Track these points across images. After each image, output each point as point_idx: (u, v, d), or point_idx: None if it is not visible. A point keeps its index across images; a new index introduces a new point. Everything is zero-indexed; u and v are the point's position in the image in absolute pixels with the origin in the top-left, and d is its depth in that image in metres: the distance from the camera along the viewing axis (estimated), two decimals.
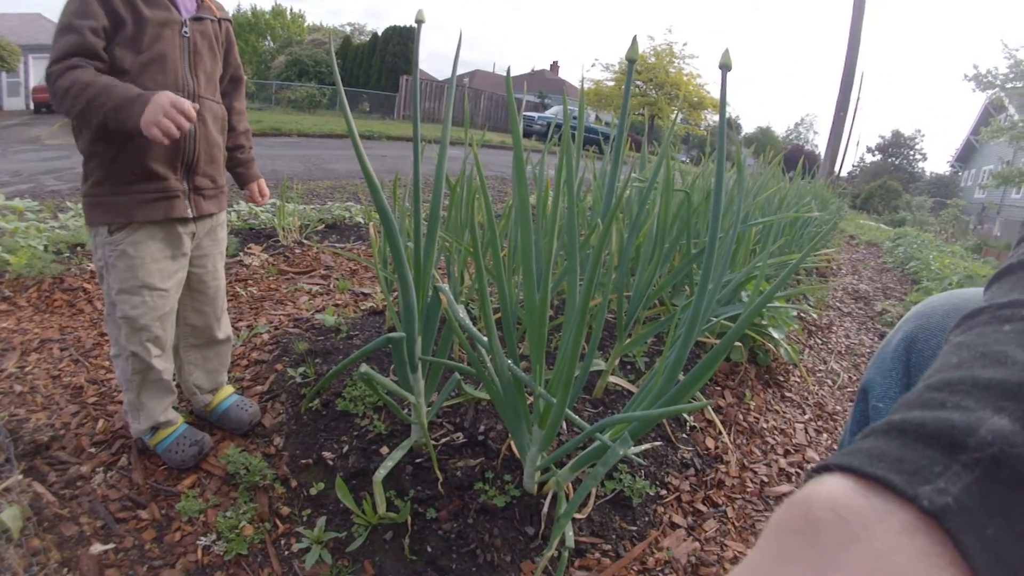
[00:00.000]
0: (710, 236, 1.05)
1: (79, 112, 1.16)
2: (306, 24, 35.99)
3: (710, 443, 1.71)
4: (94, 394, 1.75)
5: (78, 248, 2.92)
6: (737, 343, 2.03)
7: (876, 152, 38.02)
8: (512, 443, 1.36)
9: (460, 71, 1.14)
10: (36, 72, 22.39)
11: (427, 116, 21.71)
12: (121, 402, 1.67)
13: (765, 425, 1.97)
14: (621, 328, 1.62)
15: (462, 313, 1.07)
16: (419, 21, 1.12)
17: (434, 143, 1.26)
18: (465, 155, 1.56)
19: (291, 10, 35.85)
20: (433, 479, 1.30)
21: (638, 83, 24.59)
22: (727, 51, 0.95)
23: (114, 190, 1.27)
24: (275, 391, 1.69)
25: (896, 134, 37.49)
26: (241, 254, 2.98)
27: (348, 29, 40.74)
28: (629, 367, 1.85)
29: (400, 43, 25.42)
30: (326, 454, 1.41)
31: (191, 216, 1.37)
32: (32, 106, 20.88)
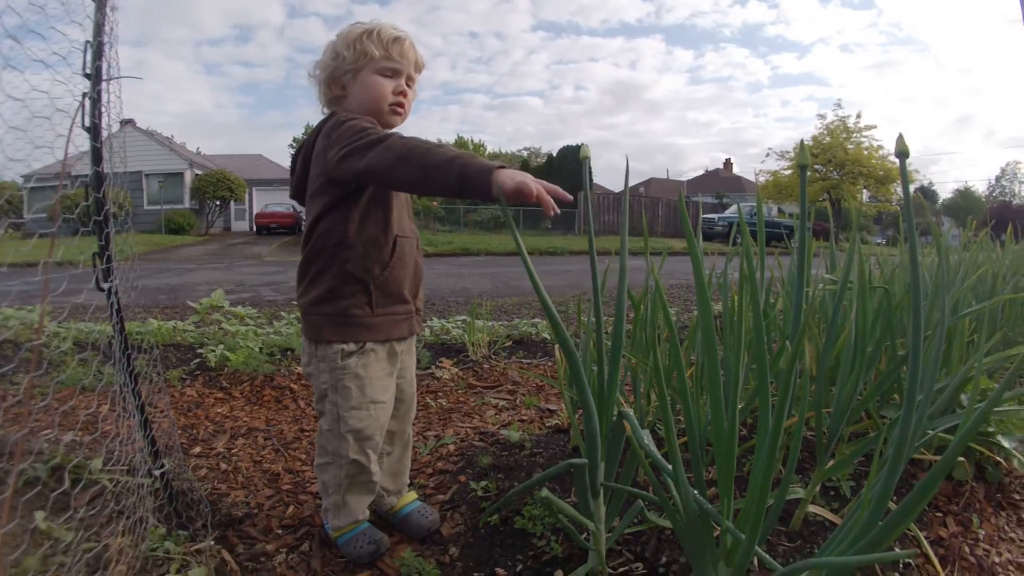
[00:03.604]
0: (912, 339, 0.92)
1: (427, 168, 1.16)
2: (487, 152, 39.55)
3: None
4: (289, 482, 1.91)
5: (288, 352, 3.31)
6: (960, 458, 1.72)
7: None
8: None
9: (634, 181, 1.15)
10: (259, 201, 27.10)
11: (607, 229, 22.49)
12: (312, 492, 1.81)
13: (998, 559, 1.60)
14: (821, 449, 1.45)
15: (647, 439, 1.03)
16: (584, 157, 1.18)
17: (616, 255, 1.27)
18: (648, 267, 1.55)
19: (472, 140, 39.86)
20: None
21: (817, 167, 23.43)
22: (901, 137, 0.87)
23: (374, 312, 1.41)
24: (456, 502, 1.72)
25: None
26: (433, 367, 3.17)
27: (525, 153, 44.24)
28: (833, 493, 1.63)
29: (574, 161, 26.79)
30: (499, 570, 1.39)
31: (417, 334, 1.54)
32: (254, 228, 25.11)
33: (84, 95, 1.24)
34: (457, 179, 1.13)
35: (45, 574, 1.20)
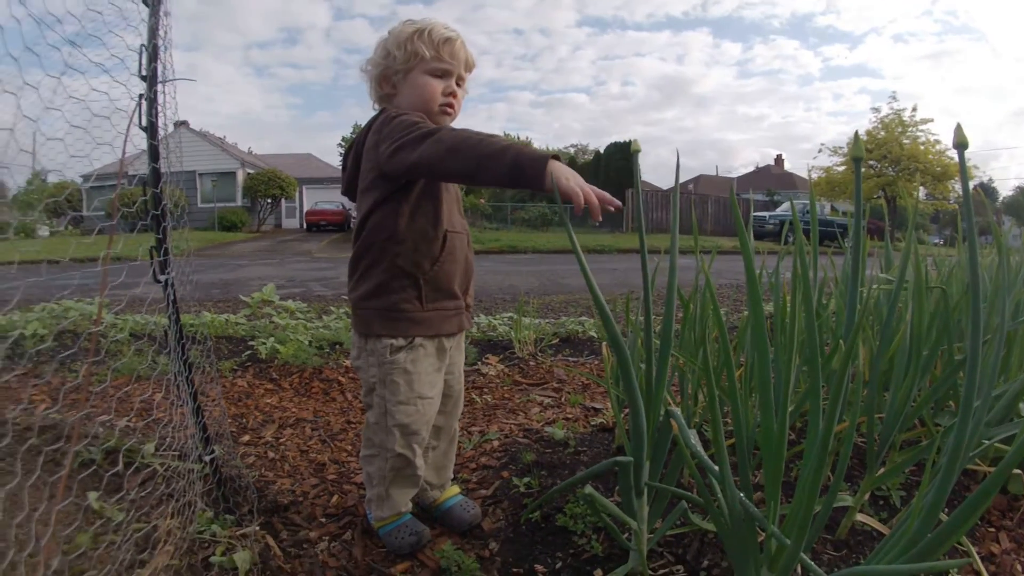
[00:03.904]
0: (971, 343, 0.87)
1: (480, 157, 1.15)
2: None
3: None
4: (334, 472, 1.95)
5: (337, 346, 3.38)
6: (1016, 470, 1.63)
7: None
8: None
9: (683, 177, 1.13)
10: (309, 199, 27.89)
11: (656, 226, 22.32)
12: (357, 483, 1.83)
13: None
14: (872, 456, 1.39)
15: (694, 439, 1.01)
16: (635, 151, 1.16)
17: (665, 253, 1.25)
18: (697, 265, 1.52)
19: (519, 138, 39.71)
20: None
21: (871, 163, 22.54)
22: (960, 127, 0.82)
23: (423, 306, 1.41)
24: (498, 497, 1.73)
25: None
26: (479, 363, 3.19)
27: (572, 150, 43.80)
28: (882, 502, 1.57)
29: (621, 158, 26.51)
30: (538, 567, 1.38)
31: (466, 330, 1.54)
32: (305, 225, 25.80)
33: (140, 96, 1.29)
34: (511, 167, 1.12)
35: (96, 551, 1.25)
